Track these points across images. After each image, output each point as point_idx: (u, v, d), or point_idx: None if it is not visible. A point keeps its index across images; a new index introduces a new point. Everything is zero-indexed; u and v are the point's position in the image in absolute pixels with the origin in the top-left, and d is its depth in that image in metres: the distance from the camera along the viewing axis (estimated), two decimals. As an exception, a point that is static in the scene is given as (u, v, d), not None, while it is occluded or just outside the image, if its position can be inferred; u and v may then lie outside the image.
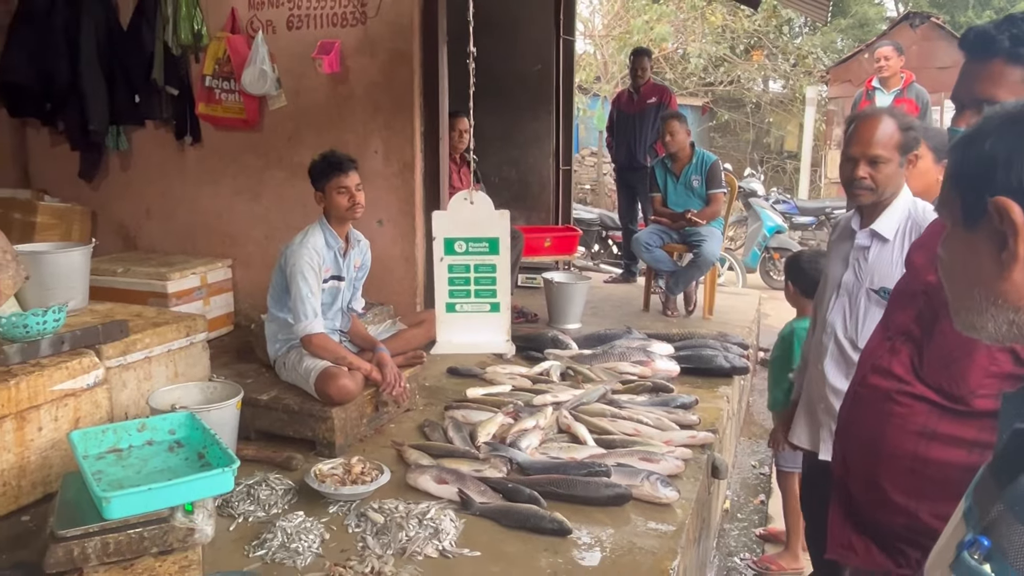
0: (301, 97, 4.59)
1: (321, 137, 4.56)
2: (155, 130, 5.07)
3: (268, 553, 2.40)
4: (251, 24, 4.64)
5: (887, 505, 1.57)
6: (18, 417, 2.63)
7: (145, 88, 4.86)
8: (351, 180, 3.29)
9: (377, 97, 4.47)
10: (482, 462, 2.97)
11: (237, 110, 4.72)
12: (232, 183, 4.94)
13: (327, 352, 3.17)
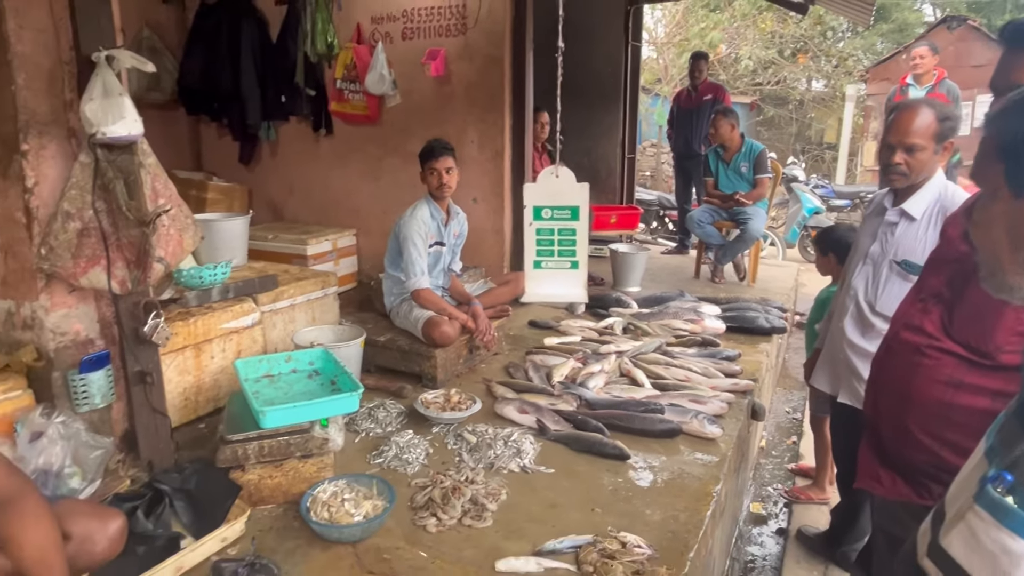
0: (412, 96, 4.61)
1: (428, 129, 4.57)
2: (297, 124, 5.17)
3: (385, 461, 2.49)
4: (373, 36, 4.68)
5: (913, 445, 1.50)
6: (196, 348, 2.76)
7: (289, 90, 4.96)
8: (441, 164, 3.29)
9: (473, 95, 4.45)
10: (556, 398, 2.98)
11: (361, 107, 4.78)
12: (357, 167, 5.03)
13: (431, 304, 3.21)
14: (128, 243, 2.01)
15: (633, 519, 2.16)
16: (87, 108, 1.85)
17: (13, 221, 2.03)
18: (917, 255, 1.90)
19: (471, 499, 2.20)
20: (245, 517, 2.06)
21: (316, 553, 1.98)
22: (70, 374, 2.12)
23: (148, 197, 1.97)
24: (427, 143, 3.35)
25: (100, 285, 2.02)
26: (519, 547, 2.01)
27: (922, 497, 1.53)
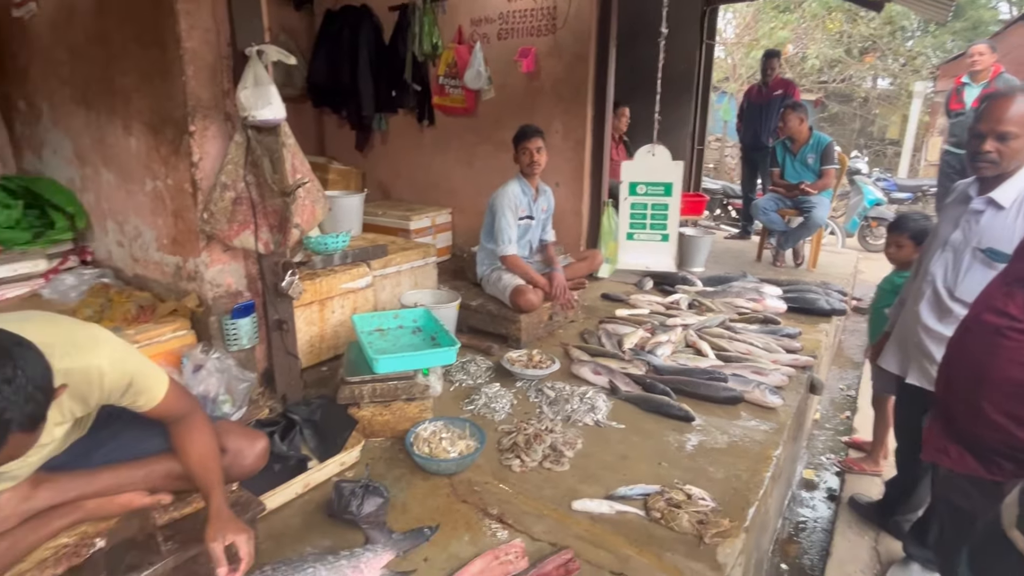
0: (505, 90, 4.56)
1: (518, 120, 4.47)
2: (404, 116, 5.23)
3: (475, 408, 2.51)
4: (472, 36, 4.64)
5: (986, 423, 1.36)
6: (320, 303, 2.86)
7: (399, 86, 5.01)
8: (532, 144, 3.23)
9: (560, 90, 4.35)
10: (627, 362, 2.91)
11: (460, 101, 4.78)
12: (454, 154, 5.05)
13: (517, 268, 3.19)
14: (272, 211, 2.09)
15: (697, 475, 2.09)
16: (242, 95, 1.92)
17: (182, 191, 2.15)
18: (1004, 243, 1.70)
19: (550, 446, 2.19)
20: (360, 446, 2.13)
21: (418, 481, 2.04)
22: (224, 319, 2.24)
23: (288, 172, 2.04)
24: (520, 127, 3.29)
25: (248, 246, 2.11)
26: (593, 491, 1.99)
27: (992, 473, 1.39)
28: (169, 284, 2.39)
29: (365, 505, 1.79)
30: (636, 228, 3.91)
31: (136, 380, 1.32)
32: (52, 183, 2.76)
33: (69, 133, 2.67)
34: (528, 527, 1.82)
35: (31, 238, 2.62)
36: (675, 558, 1.70)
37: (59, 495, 1.35)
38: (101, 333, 1.31)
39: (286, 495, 1.89)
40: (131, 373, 1.31)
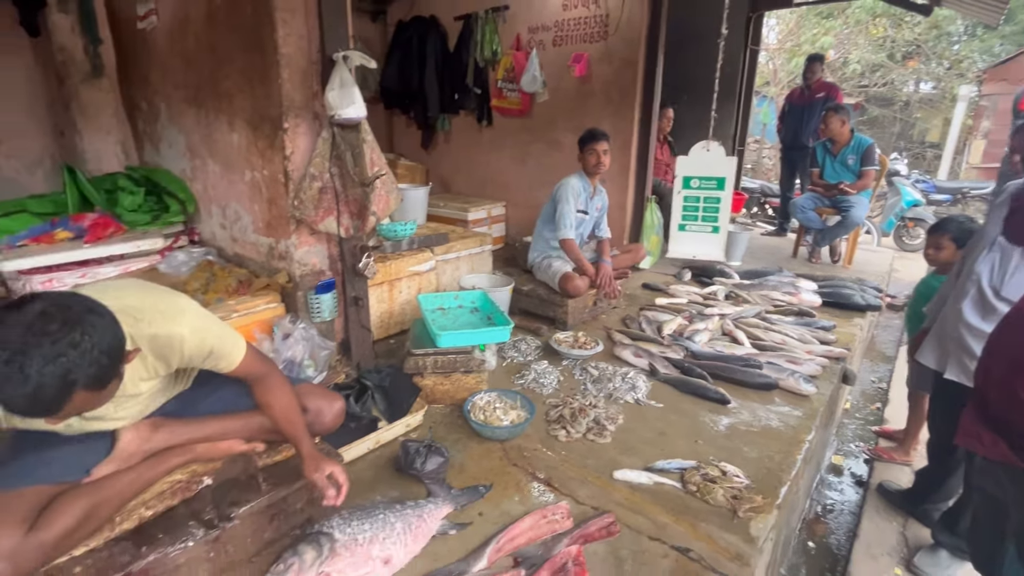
0: (558, 93, 4.50)
1: (569, 121, 4.47)
2: (465, 117, 5.25)
3: (525, 382, 2.52)
4: (529, 43, 4.59)
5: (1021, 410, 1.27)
6: (389, 284, 2.92)
7: (461, 89, 5.03)
8: (599, 147, 3.13)
9: (609, 93, 4.26)
10: (666, 347, 2.85)
11: (516, 103, 4.75)
12: (509, 152, 5.04)
13: (572, 252, 3.14)
14: (352, 199, 2.15)
15: (731, 453, 2.04)
16: (329, 95, 1.97)
17: (276, 181, 2.23)
18: None
19: (594, 419, 2.19)
20: (423, 411, 2.18)
21: (473, 445, 2.07)
22: (309, 294, 2.33)
23: (367, 165, 2.09)
24: (588, 129, 3.19)
25: (331, 230, 2.18)
26: (632, 462, 1.97)
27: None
28: (263, 262, 2.49)
29: (428, 463, 1.84)
30: (688, 220, 3.79)
31: (215, 348, 1.35)
32: (167, 173, 2.92)
33: (182, 130, 2.80)
34: (573, 491, 1.83)
35: (150, 220, 2.78)
36: (709, 528, 1.67)
37: (173, 438, 1.44)
38: (187, 305, 1.34)
39: (359, 450, 1.96)
40: (211, 342, 1.34)
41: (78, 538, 1.23)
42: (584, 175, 3.29)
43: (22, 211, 2.61)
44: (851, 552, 2.26)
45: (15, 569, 1.10)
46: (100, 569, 1.24)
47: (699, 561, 1.55)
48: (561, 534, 1.62)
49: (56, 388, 0.99)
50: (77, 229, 2.53)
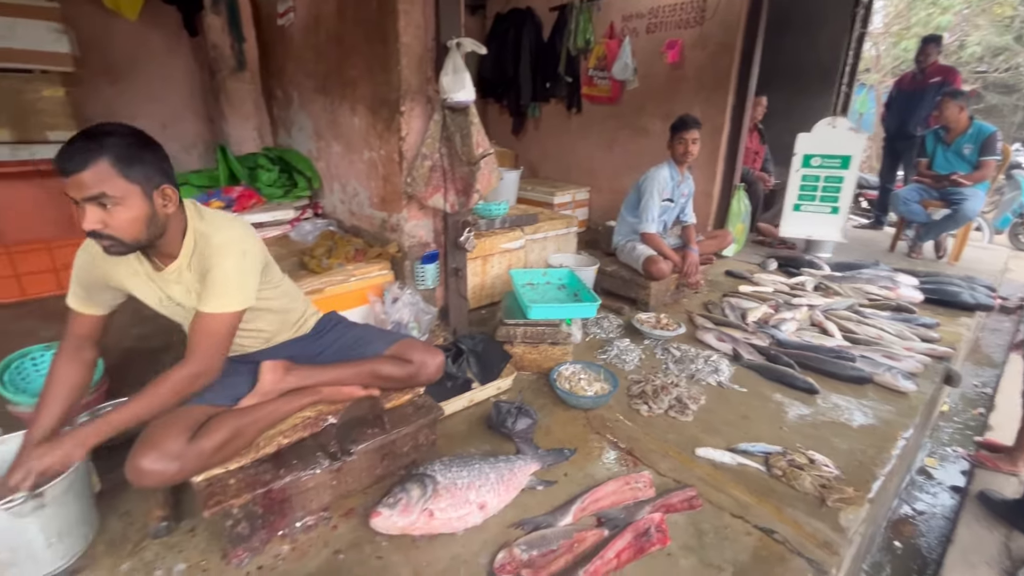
0: (648, 80, 4.30)
1: (659, 108, 4.27)
2: (555, 105, 5.17)
3: (608, 358, 2.48)
4: (623, 31, 4.41)
5: None
6: (483, 259, 2.95)
7: (553, 78, 4.94)
8: (689, 135, 2.96)
9: (702, 79, 4.01)
10: (750, 333, 2.69)
11: (606, 90, 4.60)
12: (596, 138, 4.91)
13: (654, 244, 3.04)
14: (459, 177, 2.19)
15: (819, 443, 1.89)
16: (443, 80, 2.00)
17: (391, 160, 2.32)
18: None
19: (676, 397, 2.11)
20: (512, 377, 2.21)
21: (559, 412, 2.08)
22: (415, 263, 2.42)
23: (474, 145, 2.11)
24: (680, 117, 3.01)
25: (438, 206, 2.24)
26: (715, 441, 1.89)
27: None
28: (376, 233, 2.61)
29: (518, 423, 1.87)
30: (805, 200, 3.49)
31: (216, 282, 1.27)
32: (297, 153, 3.12)
33: (311, 115, 2.98)
34: (654, 463, 1.78)
35: (283, 194, 3.01)
36: (795, 513, 1.57)
37: (301, 380, 1.55)
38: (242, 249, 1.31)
39: (456, 406, 2.03)
40: (221, 276, 1.27)
41: (226, 454, 1.36)
42: (673, 163, 3.12)
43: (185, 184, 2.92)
44: (944, 556, 2.04)
45: (180, 468, 1.25)
46: (248, 483, 1.37)
47: (784, 543, 1.47)
48: (643, 501, 1.59)
49: (87, 142, 1.09)
50: (228, 200, 2.79)
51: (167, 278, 1.34)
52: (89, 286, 1.36)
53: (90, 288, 1.36)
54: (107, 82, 4.11)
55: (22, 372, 1.90)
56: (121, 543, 1.41)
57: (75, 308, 1.38)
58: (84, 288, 1.36)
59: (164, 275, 1.34)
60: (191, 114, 4.60)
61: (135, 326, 2.59)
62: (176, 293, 1.37)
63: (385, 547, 1.42)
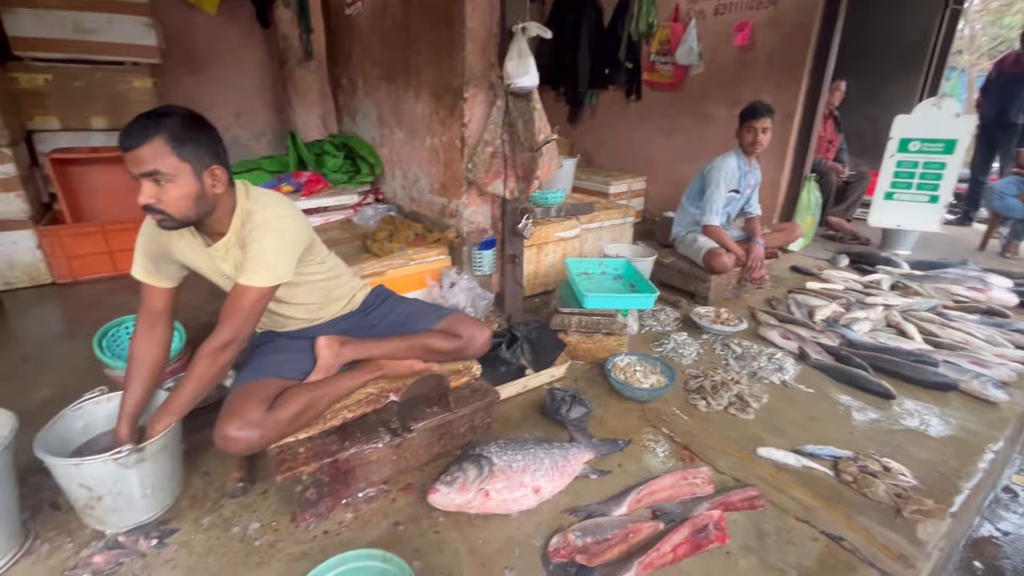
0: (714, 64, 4.12)
1: (724, 93, 4.09)
2: (613, 92, 5.06)
3: (664, 351, 2.43)
4: (688, 14, 4.24)
5: None
6: (537, 247, 2.92)
7: (612, 64, 4.83)
8: (760, 123, 2.80)
9: (773, 62, 3.79)
10: (818, 332, 2.55)
11: (668, 76, 4.45)
12: (655, 125, 4.77)
13: (717, 237, 2.93)
14: (520, 164, 2.19)
15: (895, 451, 1.78)
16: (508, 65, 2.00)
17: (453, 146, 2.35)
18: None
19: (737, 394, 2.04)
20: (566, 365, 2.21)
21: (613, 402, 2.05)
22: (473, 249, 2.45)
23: (536, 131, 2.10)
24: (751, 104, 2.85)
25: (498, 192, 2.25)
26: (778, 442, 1.82)
27: None
28: (435, 219, 2.66)
29: (572, 411, 1.87)
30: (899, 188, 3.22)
31: (252, 257, 1.33)
32: (361, 140, 3.22)
33: (375, 102, 3.06)
34: (712, 460, 1.74)
35: (347, 180, 3.11)
36: (867, 522, 1.48)
37: (357, 352, 1.61)
38: (287, 229, 1.37)
39: (510, 391, 2.05)
40: (258, 251, 1.33)
41: (298, 424, 1.44)
42: (741, 152, 2.98)
43: (257, 168, 3.09)
44: (1034, 582, 1.88)
45: (261, 436, 1.34)
46: (316, 452, 1.45)
47: (854, 552, 1.39)
48: (701, 497, 1.55)
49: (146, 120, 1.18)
50: (296, 184, 2.92)
51: (216, 254, 1.41)
52: (155, 257, 1.43)
53: (155, 259, 1.43)
54: (188, 72, 4.39)
55: (117, 339, 2.08)
56: (202, 500, 1.53)
57: (142, 279, 1.44)
58: (150, 260, 1.43)
59: (213, 251, 1.41)
60: (261, 103, 4.83)
61: (210, 303, 2.77)
62: (227, 268, 1.43)
63: (442, 523, 1.46)
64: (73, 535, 1.39)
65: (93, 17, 3.12)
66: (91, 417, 1.51)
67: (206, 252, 1.42)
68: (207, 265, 1.45)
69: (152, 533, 1.39)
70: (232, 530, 1.42)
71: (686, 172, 4.50)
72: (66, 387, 2.03)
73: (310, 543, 1.39)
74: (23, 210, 2.92)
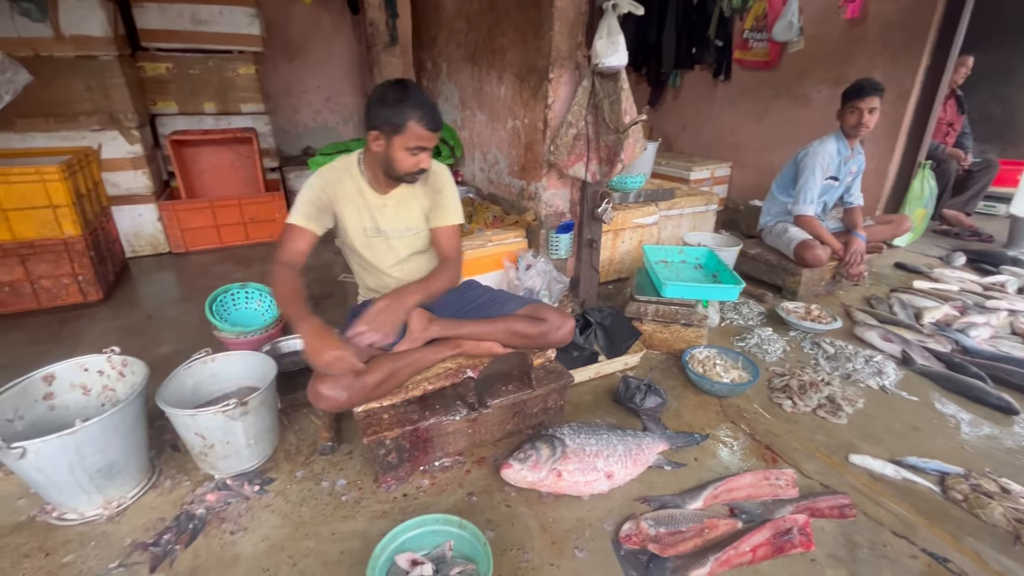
0: (815, 40, 3.78)
1: (827, 72, 3.76)
2: (699, 72, 4.81)
3: (747, 346, 2.32)
4: (791, -15, 3.93)
5: None
6: (614, 233, 2.88)
7: (700, 42, 4.56)
8: (866, 104, 2.53)
9: (888, 35, 3.43)
10: (926, 336, 2.32)
11: (763, 54, 4.16)
12: (744, 108, 4.49)
13: (811, 228, 2.71)
14: (604, 146, 2.15)
15: (1016, 472, 1.59)
16: (597, 44, 1.95)
17: (535, 128, 2.35)
18: None
19: (827, 396, 1.91)
20: (641, 354, 2.17)
21: (689, 395, 2.00)
22: (550, 233, 2.45)
23: (622, 113, 2.05)
24: (858, 81, 2.57)
25: (579, 175, 2.22)
26: (874, 451, 1.69)
27: None
28: (513, 202, 2.68)
29: (647, 400, 1.83)
30: None
31: (449, 198, 1.66)
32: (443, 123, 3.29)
33: (458, 85, 3.12)
34: (797, 463, 1.65)
35: (427, 162, 3.20)
36: (979, 546, 1.35)
37: (443, 330, 1.67)
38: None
39: (583, 376, 2.05)
40: (452, 193, 1.67)
41: (381, 391, 1.53)
42: (842, 135, 2.72)
43: (346, 150, 3.25)
44: None
45: (347, 397, 1.43)
46: (399, 419, 1.53)
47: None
48: (785, 500, 1.48)
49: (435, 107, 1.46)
50: (381, 165, 3.05)
51: (387, 203, 1.62)
52: (320, 206, 1.56)
53: (320, 208, 1.56)
54: (284, 59, 4.68)
55: (224, 304, 2.30)
56: (296, 454, 1.67)
57: (300, 224, 1.54)
58: (314, 208, 1.56)
59: (385, 200, 1.61)
60: (349, 88, 5.07)
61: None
62: (387, 218, 1.62)
63: (513, 498, 1.50)
64: (190, 475, 1.57)
65: (207, 9, 3.40)
66: (199, 376, 1.69)
67: (370, 206, 1.61)
68: (361, 218, 1.62)
69: (255, 480, 1.54)
70: (322, 484, 1.54)
71: (776, 158, 4.21)
72: (181, 344, 2.28)
73: (391, 503, 1.48)
74: (147, 186, 3.27)
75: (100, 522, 1.40)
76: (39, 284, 2.57)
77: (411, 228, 1.67)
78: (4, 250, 2.45)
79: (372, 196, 1.61)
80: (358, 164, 1.61)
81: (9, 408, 1.41)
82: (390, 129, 1.44)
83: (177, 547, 1.33)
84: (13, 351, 2.24)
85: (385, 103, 1.42)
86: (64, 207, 2.49)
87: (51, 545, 1.34)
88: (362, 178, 1.60)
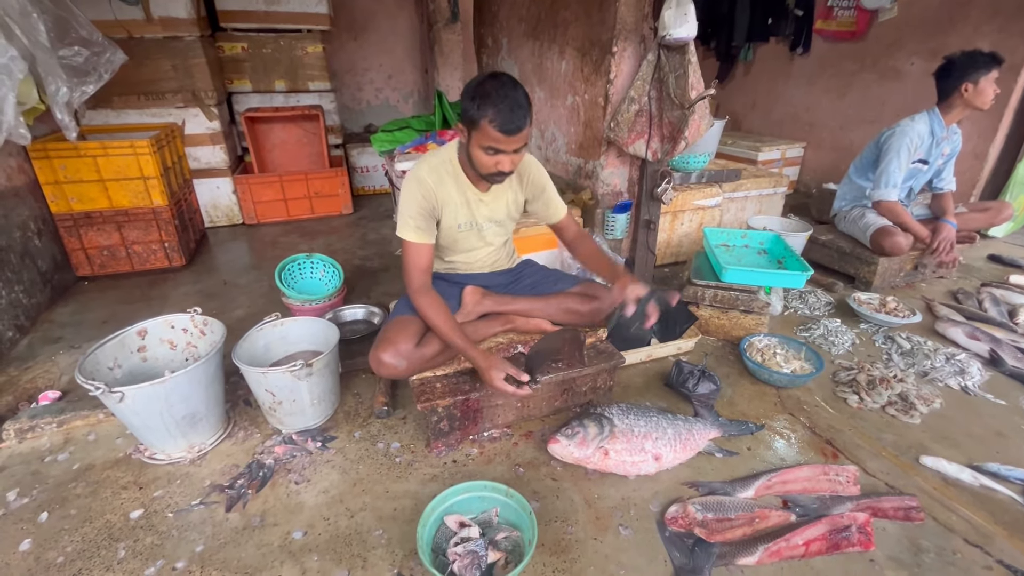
0: (912, 7, 3.45)
1: (923, 43, 3.42)
2: (775, 45, 4.50)
3: (811, 336, 2.21)
4: (885, -54, 3.58)
5: None
6: (673, 215, 2.80)
7: (777, 12, 4.28)
8: (991, 76, 2.24)
9: (999, 1, 3.07)
10: (1020, 336, 2.12)
11: (849, 23, 3.83)
12: (824, 83, 4.17)
13: (892, 215, 2.51)
14: (667, 123, 2.08)
15: (1120, 488, 1.44)
16: (665, 14, 1.88)
17: (595, 104, 2.30)
18: None
19: (900, 394, 1.80)
20: (696, 339, 2.11)
21: (745, 384, 1.94)
22: (607, 212, 2.41)
23: (689, 87, 1.97)
24: (978, 50, 2.27)
25: (639, 153, 2.17)
26: (950, 454, 1.58)
27: None
28: (569, 180, 2.66)
29: (700, 386, 1.80)
30: None
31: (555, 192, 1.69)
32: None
33: (518, 61, 3.09)
34: (861, 460, 1.57)
35: (484, 139, 3.20)
36: (1066, 563, 1.24)
37: (496, 305, 1.70)
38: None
39: (634, 359, 2.03)
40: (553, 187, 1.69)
41: (437, 361, 1.59)
42: (938, 113, 2.45)
43: (407, 127, 3.32)
44: None
45: (407, 366, 1.50)
46: (451, 389, 1.58)
47: (1043, 592, 1.18)
48: (844, 497, 1.42)
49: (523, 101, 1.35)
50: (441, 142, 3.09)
51: (485, 199, 1.60)
52: (426, 215, 1.52)
53: (426, 217, 1.52)
54: (350, 37, 4.80)
55: (292, 273, 2.44)
56: (354, 416, 1.77)
57: (414, 240, 1.50)
58: (422, 218, 1.51)
59: (483, 196, 1.59)
60: (410, 65, 5.14)
61: (361, 249, 3.11)
62: (483, 212, 1.62)
63: (559, 472, 1.52)
64: (260, 428, 1.70)
65: (279, -11, 3.54)
66: (270, 337, 1.81)
67: (470, 203, 1.59)
68: (462, 215, 1.59)
69: (317, 437, 1.65)
70: (377, 445, 1.63)
71: (857, 139, 3.91)
72: (253, 308, 2.45)
73: (441, 468, 1.54)
74: (224, 160, 3.49)
75: (184, 464, 1.56)
76: (132, 249, 2.82)
77: (508, 218, 1.68)
78: (104, 217, 2.71)
79: (472, 192, 1.57)
80: (456, 157, 1.56)
81: (110, 357, 1.58)
82: (468, 124, 1.38)
83: (249, 491, 1.45)
84: (112, 307, 2.49)
85: (468, 95, 1.36)
86: (153, 179, 2.71)
87: (144, 480, 1.50)
88: (463, 174, 1.55)
